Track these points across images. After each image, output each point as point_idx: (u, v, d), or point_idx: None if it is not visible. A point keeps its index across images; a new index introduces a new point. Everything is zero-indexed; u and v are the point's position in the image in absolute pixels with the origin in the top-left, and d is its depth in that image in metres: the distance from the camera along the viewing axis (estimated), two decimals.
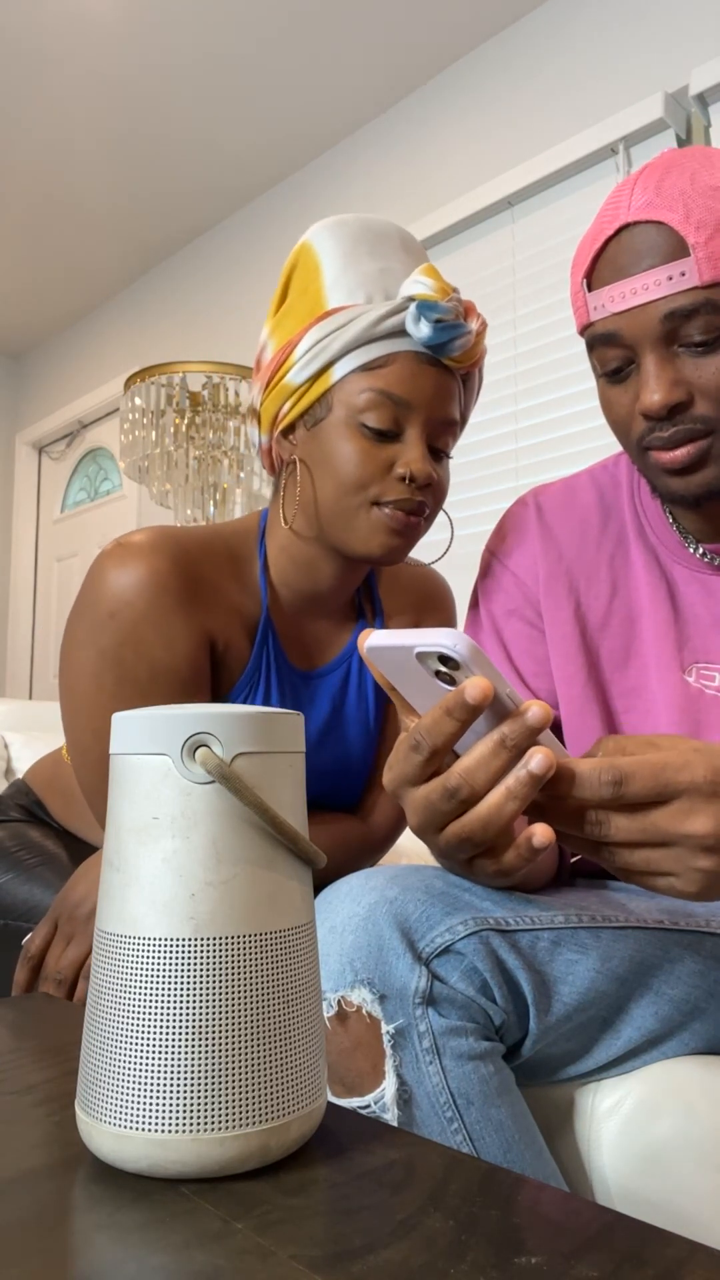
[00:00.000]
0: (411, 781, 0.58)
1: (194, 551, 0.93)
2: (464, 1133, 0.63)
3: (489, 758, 0.55)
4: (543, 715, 0.54)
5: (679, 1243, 0.35)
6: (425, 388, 0.89)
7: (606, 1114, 0.70)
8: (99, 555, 0.91)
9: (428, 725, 0.55)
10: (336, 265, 0.92)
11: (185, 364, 2.29)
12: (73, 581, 4.27)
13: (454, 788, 0.56)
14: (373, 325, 0.88)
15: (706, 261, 0.72)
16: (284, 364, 0.91)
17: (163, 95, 2.90)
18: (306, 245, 0.94)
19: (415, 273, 0.89)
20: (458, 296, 0.89)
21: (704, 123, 2.23)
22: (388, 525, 0.89)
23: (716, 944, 0.75)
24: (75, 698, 0.90)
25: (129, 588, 0.88)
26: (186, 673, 0.90)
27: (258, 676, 0.96)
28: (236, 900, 0.42)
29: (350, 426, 0.89)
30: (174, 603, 0.89)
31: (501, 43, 2.64)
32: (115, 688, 0.88)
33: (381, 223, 0.95)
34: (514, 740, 0.55)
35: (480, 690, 0.52)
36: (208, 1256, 0.34)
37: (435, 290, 0.87)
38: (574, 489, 0.94)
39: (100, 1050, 0.42)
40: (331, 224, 0.94)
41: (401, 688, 0.59)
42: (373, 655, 0.57)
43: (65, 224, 3.57)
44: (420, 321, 0.87)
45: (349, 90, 2.87)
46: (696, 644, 0.84)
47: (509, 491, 2.52)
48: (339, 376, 0.89)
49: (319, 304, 0.91)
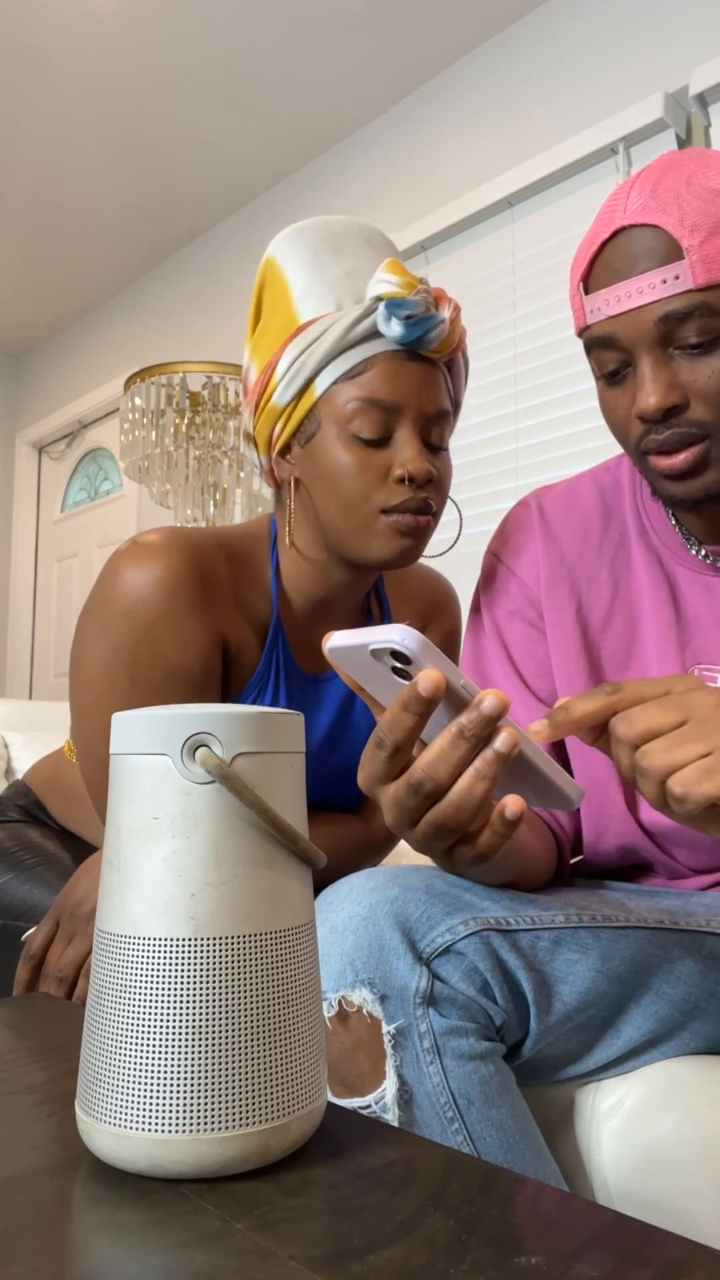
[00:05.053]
0: (381, 779, 0.59)
1: (209, 553, 0.92)
2: (464, 1133, 0.63)
3: (449, 749, 0.56)
4: (498, 704, 0.54)
5: (679, 1243, 0.35)
6: (409, 386, 0.88)
7: (606, 1114, 0.70)
8: (114, 554, 0.91)
9: (388, 721, 0.56)
10: (302, 276, 0.91)
11: (185, 364, 2.29)
12: (73, 581, 4.27)
13: (417, 782, 0.57)
14: (345, 333, 0.87)
15: (701, 264, 0.72)
16: (268, 386, 0.91)
17: (163, 96, 2.90)
18: (271, 261, 0.93)
19: (379, 271, 0.88)
20: (425, 287, 0.88)
21: (704, 123, 2.23)
22: (397, 530, 0.89)
23: (716, 944, 0.75)
24: (86, 695, 0.90)
25: (145, 586, 0.87)
26: (199, 673, 0.90)
27: (267, 679, 0.96)
28: (236, 900, 0.42)
29: (342, 438, 0.88)
30: (190, 603, 0.89)
31: (501, 43, 2.64)
32: (128, 686, 0.88)
33: (340, 222, 0.94)
34: (472, 730, 0.55)
35: (431, 683, 0.53)
36: (208, 1256, 0.34)
37: (401, 285, 0.86)
38: (576, 490, 0.94)
39: (100, 1050, 0.42)
40: (291, 235, 0.93)
41: (367, 686, 0.59)
42: (335, 656, 0.57)
43: (65, 224, 3.58)
44: (391, 320, 0.86)
45: (349, 90, 2.87)
46: (698, 645, 0.84)
47: (509, 491, 2.52)
48: (322, 390, 0.89)
49: (292, 319, 0.91)
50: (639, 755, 0.58)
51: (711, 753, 0.56)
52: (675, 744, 0.57)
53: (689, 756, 0.57)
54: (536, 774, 0.58)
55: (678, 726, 0.58)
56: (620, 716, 0.59)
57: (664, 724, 0.58)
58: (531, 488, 2.48)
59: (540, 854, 0.81)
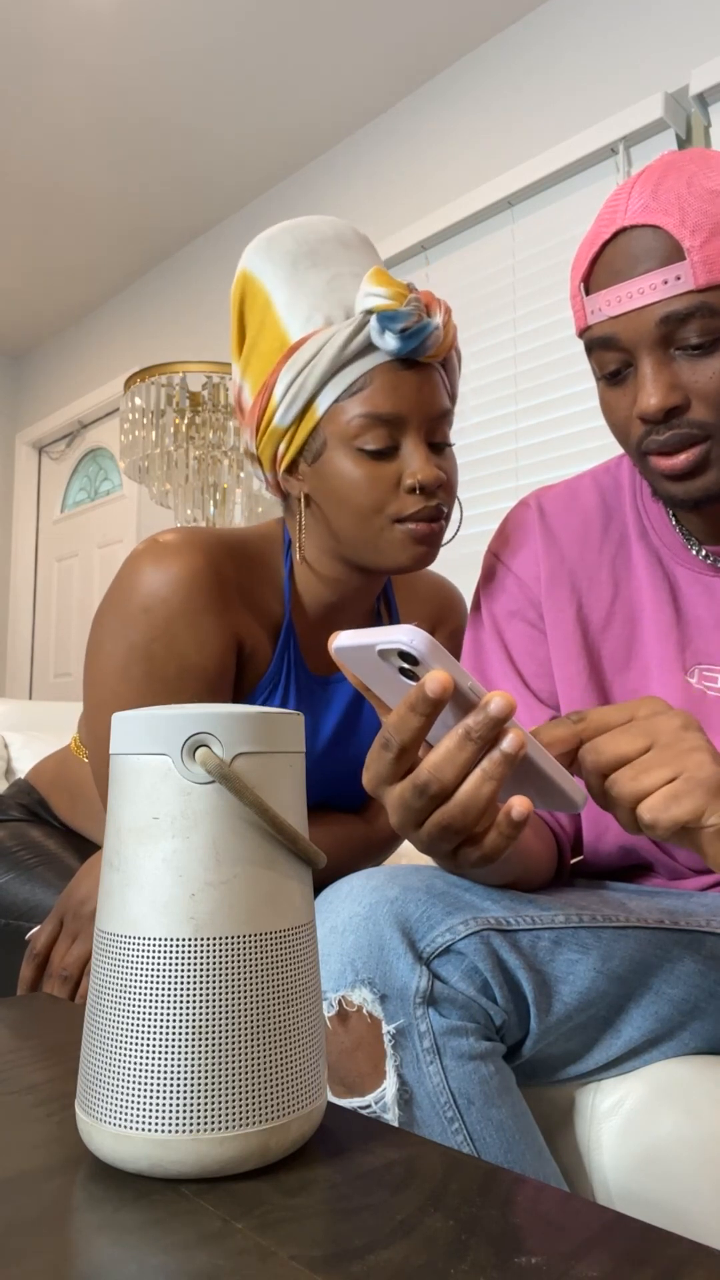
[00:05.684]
0: (387, 780, 0.59)
1: (225, 553, 0.93)
2: (464, 1133, 0.63)
3: (455, 751, 0.55)
4: (505, 706, 0.54)
5: (679, 1243, 0.35)
6: (409, 395, 0.88)
7: (606, 1114, 0.70)
8: (133, 552, 0.91)
9: (394, 722, 0.56)
10: (284, 290, 0.91)
11: (185, 364, 2.29)
12: (73, 581, 4.27)
13: (423, 784, 0.56)
14: (340, 350, 0.87)
15: (702, 265, 0.72)
16: (267, 408, 0.91)
17: (163, 95, 2.90)
18: (248, 275, 0.93)
19: (365, 283, 0.87)
20: (415, 296, 0.87)
21: (704, 123, 2.23)
22: (413, 539, 0.90)
23: (716, 944, 0.75)
24: (101, 690, 0.91)
25: (164, 584, 0.88)
26: (214, 673, 0.90)
27: (278, 680, 0.97)
28: (236, 900, 0.42)
29: (349, 453, 0.89)
30: (207, 602, 0.89)
31: (501, 43, 2.64)
32: (143, 683, 0.88)
33: (311, 226, 0.93)
34: (479, 732, 0.55)
35: (439, 684, 0.53)
36: (208, 1256, 0.34)
37: (391, 297, 0.86)
38: (576, 491, 0.94)
39: (100, 1050, 0.42)
40: (263, 246, 0.92)
41: (374, 687, 0.59)
42: (341, 656, 0.57)
43: (65, 224, 3.58)
44: (385, 334, 0.86)
45: (349, 90, 2.87)
46: (698, 645, 0.84)
47: (509, 491, 2.52)
48: (324, 409, 0.89)
49: (281, 338, 0.90)
50: (608, 784, 0.59)
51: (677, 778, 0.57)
52: (641, 771, 0.58)
53: (655, 783, 0.58)
54: (541, 776, 0.58)
55: (643, 753, 0.58)
56: (588, 746, 0.60)
57: (630, 751, 0.59)
58: (531, 488, 2.48)
59: (541, 854, 0.81)
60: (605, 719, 0.61)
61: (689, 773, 0.58)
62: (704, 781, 0.57)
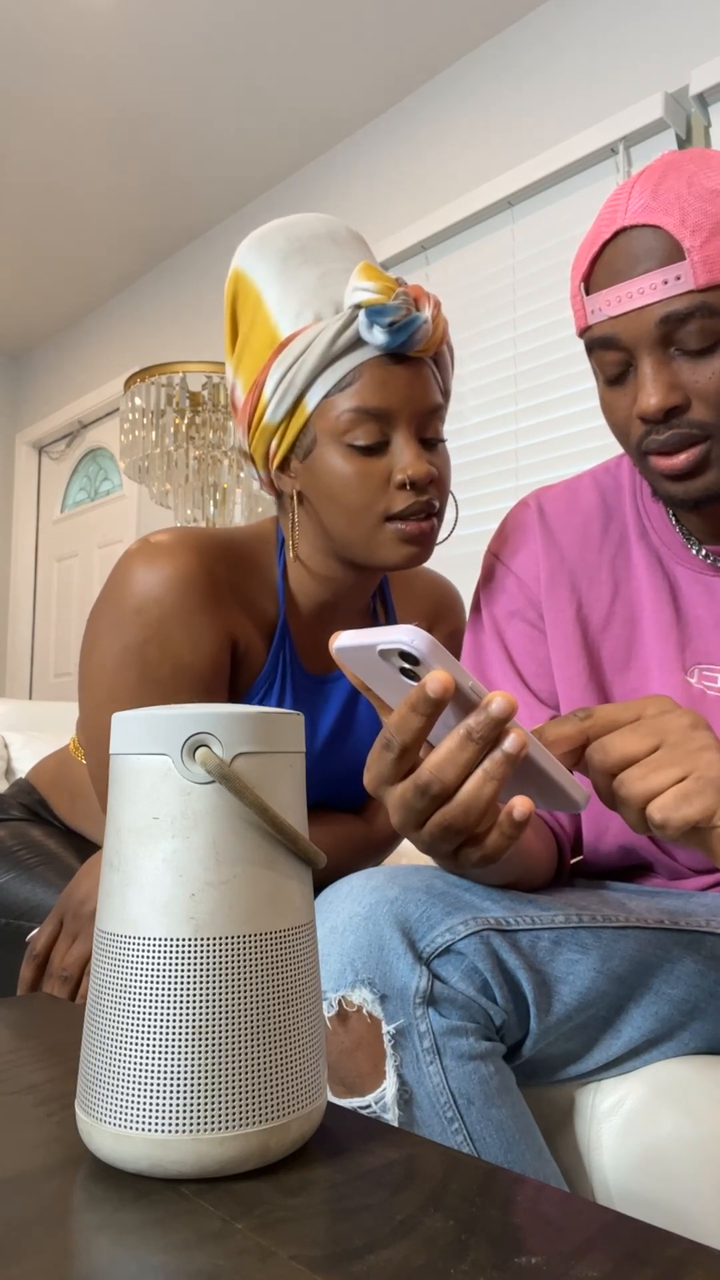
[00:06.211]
0: (388, 780, 0.59)
1: (219, 554, 0.93)
2: (464, 1133, 0.63)
3: (456, 751, 0.55)
4: (506, 706, 0.54)
5: (679, 1243, 0.35)
6: (400, 389, 0.88)
7: (606, 1114, 0.70)
8: (126, 553, 0.91)
9: (395, 722, 0.55)
10: (275, 288, 0.90)
11: (185, 364, 2.29)
12: (73, 581, 4.27)
13: (425, 784, 0.56)
14: (329, 345, 0.87)
15: (702, 265, 0.72)
16: (258, 405, 0.91)
17: (163, 95, 2.90)
18: (239, 273, 0.93)
19: (354, 277, 0.87)
20: (403, 290, 0.87)
21: (704, 123, 2.23)
22: (405, 536, 0.89)
23: (716, 944, 0.75)
24: (95, 692, 0.90)
25: (157, 585, 0.88)
26: (208, 672, 0.90)
27: (273, 679, 0.96)
28: (236, 900, 0.42)
29: (340, 449, 0.88)
30: (200, 602, 0.89)
31: (501, 43, 2.64)
32: (137, 684, 0.88)
33: (303, 223, 0.93)
34: (480, 733, 0.55)
35: (440, 684, 0.53)
36: (208, 1256, 0.34)
37: (379, 291, 0.85)
38: (576, 491, 0.94)
39: (100, 1050, 0.42)
40: (255, 244, 0.92)
41: (374, 686, 0.59)
42: (342, 656, 0.57)
43: (65, 223, 3.58)
44: (374, 329, 0.86)
45: (349, 90, 2.87)
46: (698, 645, 0.84)
47: (509, 491, 2.52)
48: (314, 405, 0.89)
49: (272, 334, 0.90)
50: (616, 784, 0.59)
51: (687, 777, 0.57)
52: (651, 770, 0.58)
53: (665, 782, 0.57)
54: (543, 776, 0.58)
55: (652, 752, 0.58)
56: (595, 745, 0.60)
57: (638, 750, 0.58)
58: (531, 488, 2.48)
59: (541, 854, 0.81)
60: (612, 717, 0.60)
61: (699, 772, 0.57)
62: (714, 781, 0.57)
